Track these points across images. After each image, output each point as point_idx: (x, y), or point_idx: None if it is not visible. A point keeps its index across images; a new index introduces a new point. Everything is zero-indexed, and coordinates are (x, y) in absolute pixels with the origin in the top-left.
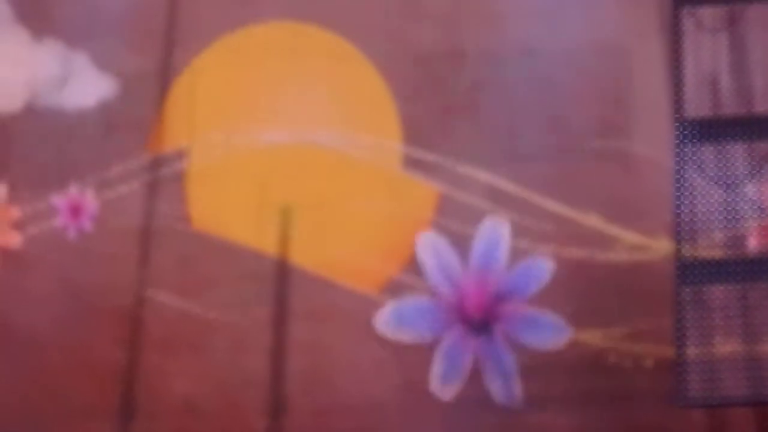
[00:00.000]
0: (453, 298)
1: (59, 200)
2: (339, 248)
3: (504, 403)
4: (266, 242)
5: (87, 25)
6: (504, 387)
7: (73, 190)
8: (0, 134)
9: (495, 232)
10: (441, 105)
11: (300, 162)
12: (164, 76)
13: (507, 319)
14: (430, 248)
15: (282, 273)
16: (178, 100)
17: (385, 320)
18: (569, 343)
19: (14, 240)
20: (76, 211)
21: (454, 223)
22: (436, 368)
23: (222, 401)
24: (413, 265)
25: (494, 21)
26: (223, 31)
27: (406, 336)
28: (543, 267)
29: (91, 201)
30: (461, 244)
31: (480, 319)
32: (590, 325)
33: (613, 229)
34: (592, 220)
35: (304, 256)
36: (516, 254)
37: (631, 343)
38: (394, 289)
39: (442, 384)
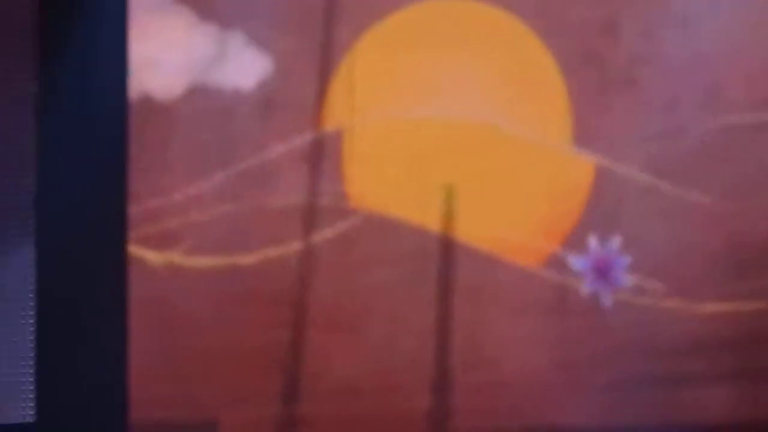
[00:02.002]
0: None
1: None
2: (501, 225)
3: None
4: (428, 220)
5: (245, 4)
6: None
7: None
8: (162, 117)
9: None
10: (598, 79)
11: (461, 139)
12: (324, 55)
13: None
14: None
15: (445, 250)
16: (338, 79)
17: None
18: (730, 317)
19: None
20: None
21: (611, 196)
22: None
23: (384, 381)
24: (574, 240)
25: None
26: (383, 8)
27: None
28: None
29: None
30: (614, 216)
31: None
32: (751, 297)
33: None
34: (750, 192)
35: (466, 233)
36: (673, 229)
37: None
38: (555, 264)
39: None
